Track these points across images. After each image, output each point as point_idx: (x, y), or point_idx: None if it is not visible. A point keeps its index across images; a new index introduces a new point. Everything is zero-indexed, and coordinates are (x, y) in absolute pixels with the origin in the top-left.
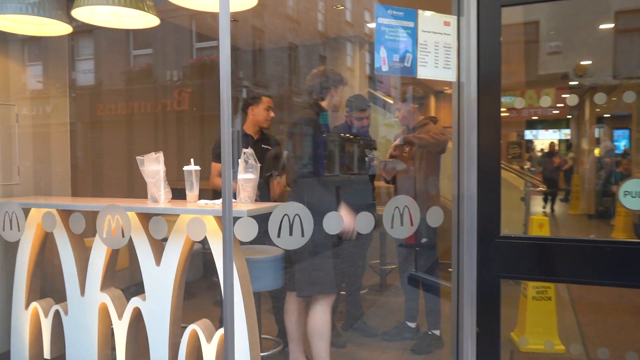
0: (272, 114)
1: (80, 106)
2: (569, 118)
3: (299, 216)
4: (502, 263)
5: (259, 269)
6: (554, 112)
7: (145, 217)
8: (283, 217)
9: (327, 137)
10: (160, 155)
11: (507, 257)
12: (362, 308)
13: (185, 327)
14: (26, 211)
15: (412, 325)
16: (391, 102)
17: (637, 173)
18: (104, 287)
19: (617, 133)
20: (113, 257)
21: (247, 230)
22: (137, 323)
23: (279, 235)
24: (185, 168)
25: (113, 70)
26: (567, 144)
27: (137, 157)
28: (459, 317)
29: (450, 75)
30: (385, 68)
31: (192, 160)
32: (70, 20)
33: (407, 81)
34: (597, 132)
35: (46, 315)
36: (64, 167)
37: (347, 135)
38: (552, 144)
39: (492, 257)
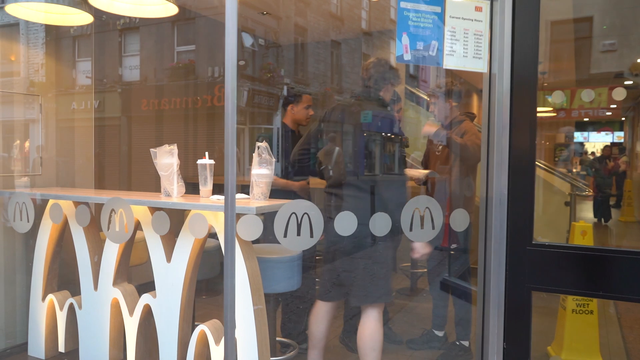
0: (311, 112)
1: (125, 101)
2: (623, 120)
3: (307, 215)
4: (534, 273)
5: (274, 269)
6: (607, 113)
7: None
8: (290, 215)
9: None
10: (174, 148)
11: (540, 267)
12: (389, 313)
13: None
14: (45, 202)
15: (440, 334)
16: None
17: None
18: (117, 282)
19: None
20: (126, 251)
21: (250, 228)
22: (148, 320)
23: (285, 235)
24: (199, 162)
25: (157, 66)
26: (619, 147)
27: (151, 150)
28: (484, 331)
29: (481, 66)
30: (407, 57)
31: (206, 153)
32: (93, 10)
33: (447, 76)
34: None
35: (61, 308)
36: (90, 159)
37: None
38: (606, 147)
39: (523, 267)
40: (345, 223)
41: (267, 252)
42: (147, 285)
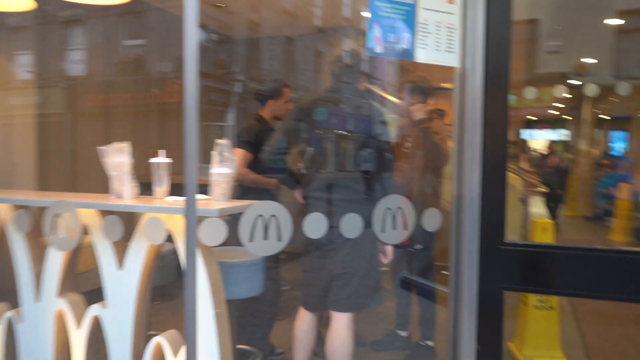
0: (290, 106)
1: (71, 97)
2: (567, 119)
3: (275, 217)
4: (506, 273)
5: (235, 274)
6: (552, 112)
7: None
8: (257, 218)
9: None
10: (126, 146)
11: (512, 267)
12: None
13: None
14: None
15: (403, 334)
16: (390, 98)
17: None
18: (62, 291)
19: (615, 134)
20: (73, 258)
21: (214, 232)
22: (98, 333)
23: (251, 239)
24: (152, 160)
25: (104, 61)
26: (564, 144)
27: (99, 148)
28: (456, 333)
29: (453, 60)
30: (379, 49)
31: (160, 152)
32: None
33: (407, 73)
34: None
35: None
36: (30, 158)
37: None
38: (550, 144)
39: (495, 267)
40: (315, 225)
41: (227, 255)
42: (96, 293)
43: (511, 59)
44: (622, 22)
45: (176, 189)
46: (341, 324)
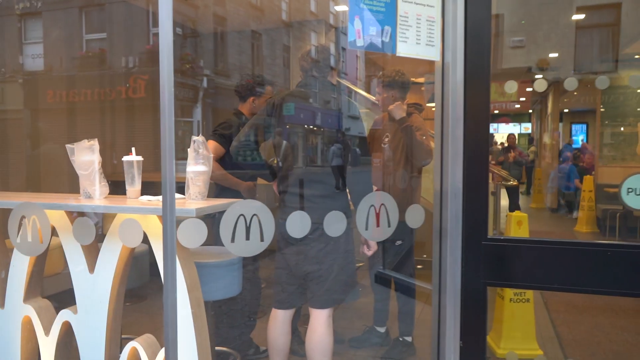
0: None
1: (29, 92)
2: (531, 112)
3: (257, 217)
4: (489, 268)
5: (212, 275)
6: (516, 106)
7: (75, 217)
8: (238, 217)
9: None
10: (95, 143)
11: (495, 262)
12: None
13: (127, 340)
14: None
15: (382, 330)
16: (363, 93)
17: (600, 167)
18: (28, 297)
19: (576, 128)
20: (40, 262)
21: (193, 234)
22: (68, 339)
23: (232, 240)
24: (125, 158)
25: (64, 55)
26: (528, 137)
27: (67, 146)
28: (440, 328)
29: (433, 54)
30: (360, 42)
31: (133, 149)
32: None
33: (377, 67)
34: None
35: None
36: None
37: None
38: (511, 137)
39: (479, 262)
40: (298, 225)
41: (203, 255)
42: (64, 295)
43: (490, 52)
44: (582, 17)
45: (145, 187)
46: (320, 320)
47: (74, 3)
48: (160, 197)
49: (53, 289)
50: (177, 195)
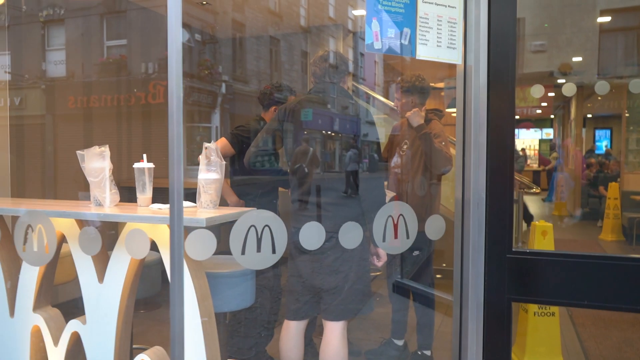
0: None
1: (50, 98)
2: (553, 118)
3: (269, 228)
4: (515, 283)
5: (224, 286)
6: (538, 111)
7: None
8: (249, 228)
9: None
10: (106, 150)
11: (520, 277)
12: None
13: (139, 350)
14: None
15: (400, 343)
16: (378, 97)
17: (625, 174)
18: (38, 306)
19: (599, 133)
20: (50, 270)
21: (201, 245)
22: (77, 350)
23: (243, 252)
24: (136, 165)
25: (85, 61)
26: (550, 143)
27: (78, 152)
28: (461, 346)
29: (455, 57)
30: (378, 45)
31: (144, 156)
32: None
33: (395, 72)
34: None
35: None
36: (5, 162)
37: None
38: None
39: (503, 276)
40: (312, 235)
41: (215, 265)
42: (75, 303)
43: (515, 55)
44: (607, 20)
45: (159, 194)
46: (334, 332)
47: (96, 10)
48: (156, 206)
49: (66, 296)
50: (189, 204)
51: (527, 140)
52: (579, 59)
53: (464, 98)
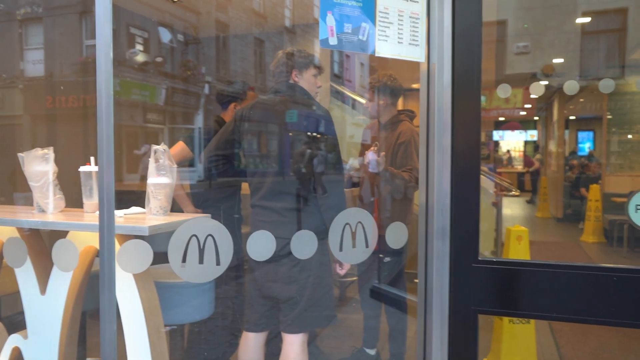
0: None
1: (28, 98)
2: (536, 119)
3: (212, 237)
4: (481, 294)
5: (180, 296)
6: (522, 113)
7: (31, 233)
8: (190, 238)
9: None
10: (49, 152)
11: (487, 287)
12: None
13: None
14: None
15: (372, 352)
16: (360, 99)
17: (607, 176)
18: None
19: (582, 135)
20: None
21: (135, 257)
22: None
23: (183, 263)
24: (82, 169)
25: (64, 60)
26: (534, 145)
27: (19, 155)
28: (425, 356)
29: (418, 55)
30: (333, 41)
31: (92, 159)
32: None
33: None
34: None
35: None
36: None
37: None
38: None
39: (469, 287)
40: (262, 245)
41: (169, 275)
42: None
43: (481, 53)
44: (588, 21)
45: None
46: (293, 346)
47: (74, 9)
48: (121, 212)
49: (10, 310)
50: (138, 209)
51: (512, 142)
52: (562, 60)
53: (427, 98)
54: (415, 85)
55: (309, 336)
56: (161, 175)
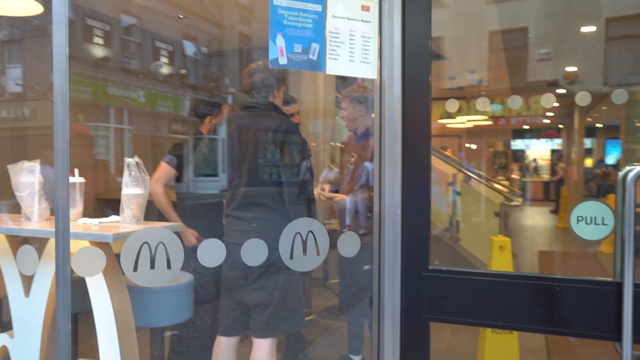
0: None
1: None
2: (560, 128)
3: (163, 245)
4: (432, 302)
5: (157, 300)
6: (544, 121)
7: (17, 240)
8: (142, 245)
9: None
10: (35, 164)
11: (437, 296)
12: (304, 337)
13: None
14: None
15: (357, 358)
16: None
17: None
18: None
19: (611, 143)
20: None
21: (88, 262)
22: None
23: (135, 269)
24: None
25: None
26: (558, 154)
27: (8, 166)
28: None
29: (370, 72)
30: (283, 61)
31: (76, 170)
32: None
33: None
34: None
35: None
36: None
37: None
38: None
39: (420, 295)
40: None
41: None
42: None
43: (430, 69)
44: (611, 28)
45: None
46: (262, 351)
47: None
48: (98, 220)
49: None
50: (114, 218)
51: (539, 150)
52: (584, 67)
53: (379, 112)
54: None
55: (304, 343)
56: (134, 187)
